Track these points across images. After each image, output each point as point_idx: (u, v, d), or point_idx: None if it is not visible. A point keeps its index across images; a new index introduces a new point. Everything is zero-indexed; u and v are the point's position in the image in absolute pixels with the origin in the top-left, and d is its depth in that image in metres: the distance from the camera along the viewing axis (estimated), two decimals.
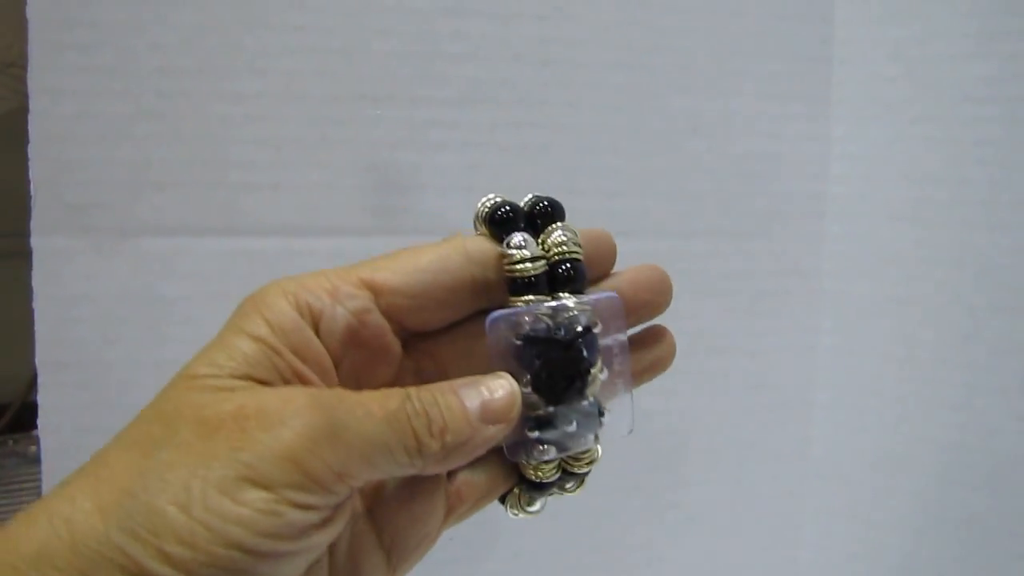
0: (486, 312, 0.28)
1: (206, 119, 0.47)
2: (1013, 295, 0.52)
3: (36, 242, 0.46)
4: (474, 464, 0.29)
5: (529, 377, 0.27)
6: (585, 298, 0.28)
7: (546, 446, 0.28)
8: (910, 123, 0.53)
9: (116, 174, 0.47)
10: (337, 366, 0.27)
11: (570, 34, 0.51)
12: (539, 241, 0.28)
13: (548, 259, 0.28)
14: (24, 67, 0.51)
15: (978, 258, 0.52)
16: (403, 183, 0.50)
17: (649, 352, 0.30)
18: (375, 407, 0.24)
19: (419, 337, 0.29)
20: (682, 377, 0.54)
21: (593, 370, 0.28)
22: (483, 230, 0.29)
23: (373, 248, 0.51)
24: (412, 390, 0.25)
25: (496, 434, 0.26)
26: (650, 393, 0.54)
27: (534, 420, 0.28)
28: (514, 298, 0.28)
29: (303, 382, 0.26)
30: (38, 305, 0.46)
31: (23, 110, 0.47)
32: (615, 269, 0.31)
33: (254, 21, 0.47)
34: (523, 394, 0.27)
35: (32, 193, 0.46)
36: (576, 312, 0.28)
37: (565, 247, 0.28)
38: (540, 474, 0.29)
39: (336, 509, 0.24)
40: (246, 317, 0.26)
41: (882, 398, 0.55)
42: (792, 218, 0.55)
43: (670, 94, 0.52)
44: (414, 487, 0.28)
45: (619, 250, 0.30)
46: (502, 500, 0.30)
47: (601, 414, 0.29)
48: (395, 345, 0.28)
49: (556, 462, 0.29)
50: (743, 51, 0.53)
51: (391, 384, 0.28)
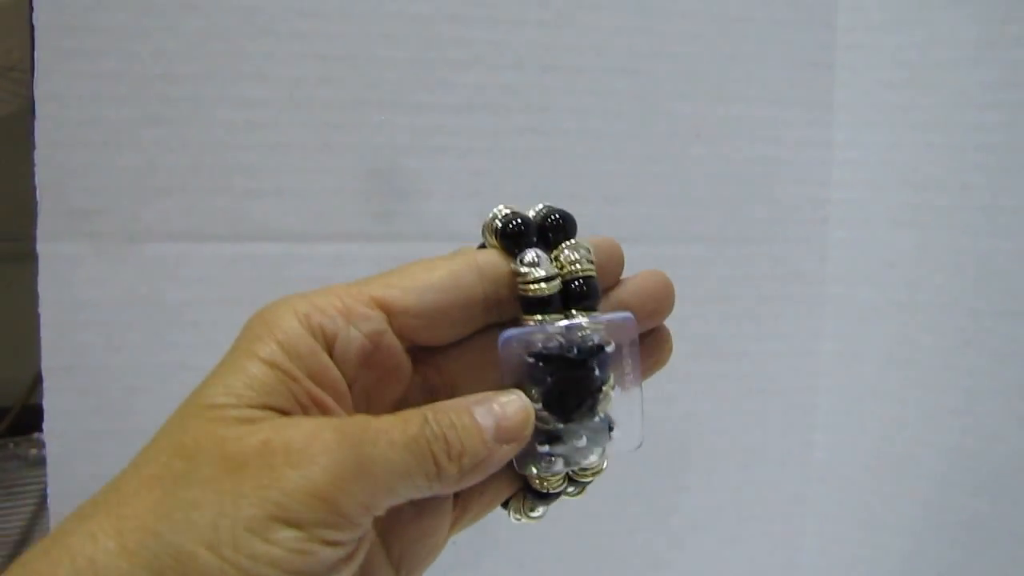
0: (496, 326, 0.28)
1: (211, 125, 0.47)
2: (1014, 300, 0.52)
3: (42, 247, 0.46)
4: None
5: (541, 394, 0.27)
6: (600, 318, 0.28)
7: (554, 458, 0.28)
8: (912, 129, 0.53)
9: (121, 180, 0.47)
10: (350, 387, 0.27)
11: (573, 40, 0.51)
12: (552, 256, 0.28)
13: (561, 276, 0.27)
14: (25, 71, 0.51)
15: (979, 263, 0.52)
16: (406, 189, 0.50)
17: (650, 355, 0.30)
18: (396, 435, 0.24)
19: (427, 351, 0.29)
20: (684, 382, 0.54)
21: (605, 387, 0.28)
22: (493, 242, 0.28)
23: (377, 254, 0.52)
24: (428, 412, 0.25)
25: (510, 453, 0.26)
26: (652, 398, 0.54)
27: (544, 434, 0.28)
28: (527, 316, 0.27)
29: (321, 408, 0.25)
30: (44, 310, 0.46)
31: (24, 113, 0.47)
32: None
33: (258, 28, 0.47)
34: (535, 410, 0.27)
35: (38, 199, 0.46)
36: (589, 331, 0.27)
37: (579, 264, 0.28)
38: (547, 485, 0.29)
39: (360, 541, 0.24)
40: (258, 340, 0.25)
41: (884, 402, 0.55)
42: (794, 223, 0.55)
43: (672, 100, 0.53)
44: (422, 503, 0.28)
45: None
46: (504, 504, 0.30)
47: (611, 429, 0.29)
48: (407, 364, 0.28)
49: (563, 473, 0.29)
50: (745, 57, 0.53)
51: (401, 400, 0.28)
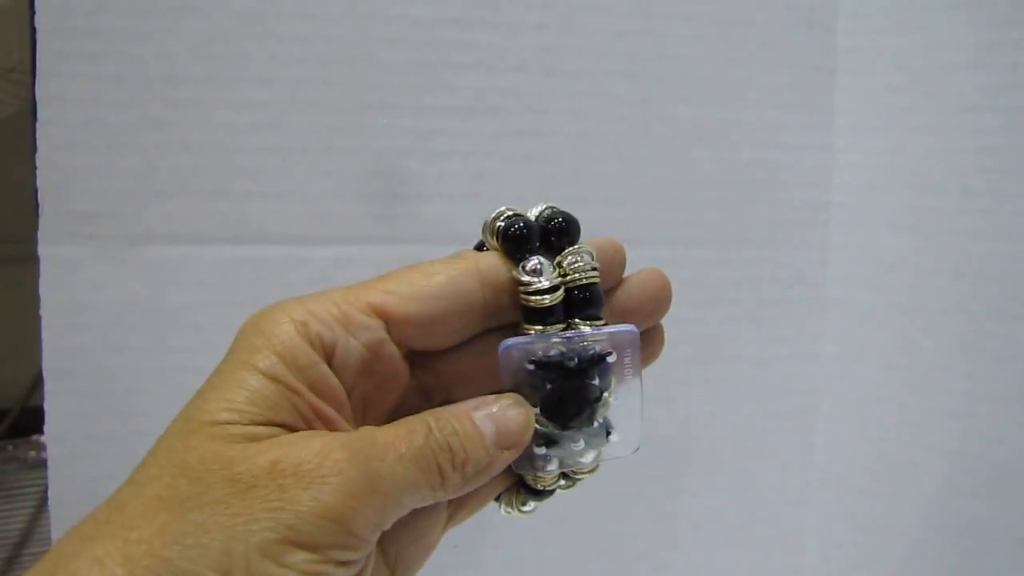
0: (494, 331, 0.28)
1: (213, 128, 0.47)
2: (1015, 303, 0.52)
3: (43, 250, 0.46)
4: None
5: (539, 400, 0.27)
6: (603, 330, 0.27)
7: (551, 459, 0.28)
8: (913, 132, 0.53)
9: (122, 182, 0.47)
10: (348, 395, 0.26)
11: (575, 44, 0.51)
12: (554, 263, 0.27)
13: (564, 284, 0.27)
14: (25, 72, 0.51)
15: (980, 267, 0.52)
16: (408, 191, 0.50)
17: (643, 348, 0.30)
18: (403, 448, 0.24)
19: (423, 354, 0.28)
20: (685, 385, 0.55)
21: (605, 395, 0.28)
22: (494, 244, 0.28)
23: (379, 256, 0.52)
24: (431, 420, 0.25)
25: (510, 458, 0.26)
26: (654, 401, 0.55)
27: (542, 437, 0.28)
28: (528, 325, 0.27)
29: (323, 419, 0.25)
30: (45, 312, 0.46)
31: (24, 115, 0.47)
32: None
33: (261, 30, 0.47)
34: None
35: (39, 201, 0.46)
36: (591, 342, 0.27)
37: (582, 272, 0.27)
38: (541, 483, 0.29)
39: (368, 556, 0.24)
40: (256, 351, 0.24)
41: (885, 406, 0.55)
42: (795, 227, 0.55)
43: (674, 103, 0.53)
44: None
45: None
46: (496, 498, 0.30)
47: (608, 434, 0.29)
48: (405, 370, 0.27)
49: (558, 473, 0.29)
50: (746, 61, 0.53)
51: (398, 405, 0.28)
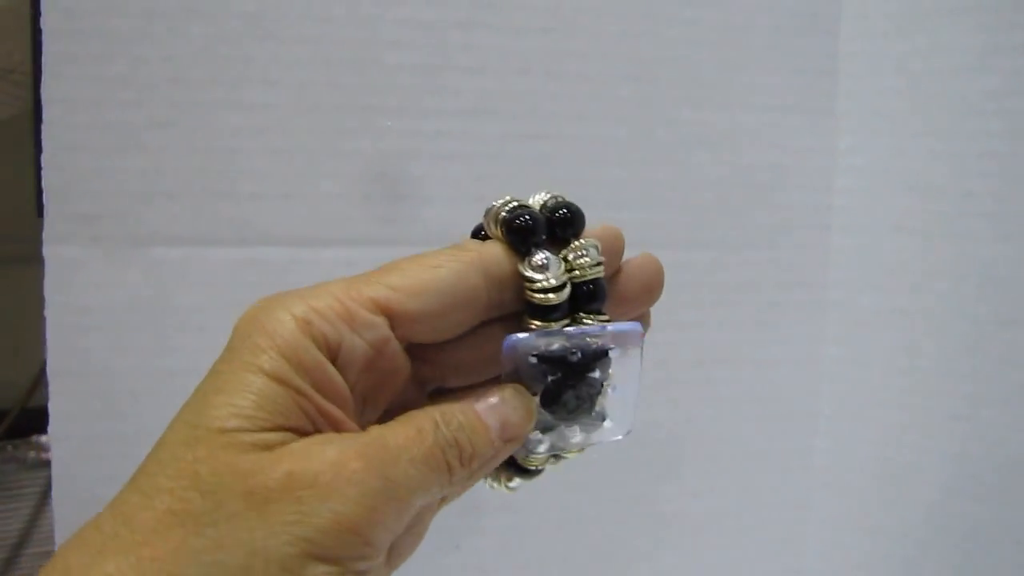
0: (494, 321, 0.28)
1: (217, 130, 0.48)
2: (1017, 306, 0.52)
3: (48, 251, 0.46)
4: None
5: (540, 391, 0.27)
6: (608, 328, 0.27)
7: (543, 442, 0.28)
8: (914, 136, 0.53)
9: (127, 184, 0.47)
10: (351, 392, 0.26)
11: (578, 47, 0.51)
12: (560, 256, 0.27)
13: (570, 278, 0.27)
14: (25, 73, 0.51)
15: (982, 270, 0.52)
16: (412, 194, 0.50)
17: None
18: (415, 451, 0.24)
19: (419, 345, 0.28)
20: (687, 387, 0.55)
21: (604, 386, 0.28)
22: (497, 233, 0.27)
23: (382, 258, 0.51)
24: (438, 416, 0.25)
25: (512, 449, 0.26)
26: (655, 403, 0.55)
27: (539, 424, 0.28)
28: (531, 320, 0.27)
29: (330, 421, 0.25)
30: (49, 313, 0.46)
31: (24, 116, 0.47)
32: None
33: (265, 33, 0.47)
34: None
35: (44, 202, 0.46)
36: (595, 339, 0.27)
37: (589, 268, 0.27)
38: (531, 463, 0.29)
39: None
40: (260, 351, 0.24)
41: (886, 408, 0.55)
42: (797, 230, 0.55)
43: (677, 107, 0.53)
44: None
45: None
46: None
47: (603, 420, 0.29)
48: (407, 365, 0.27)
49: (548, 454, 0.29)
50: (749, 64, 0.53)
51: (398, 398, 0.28)
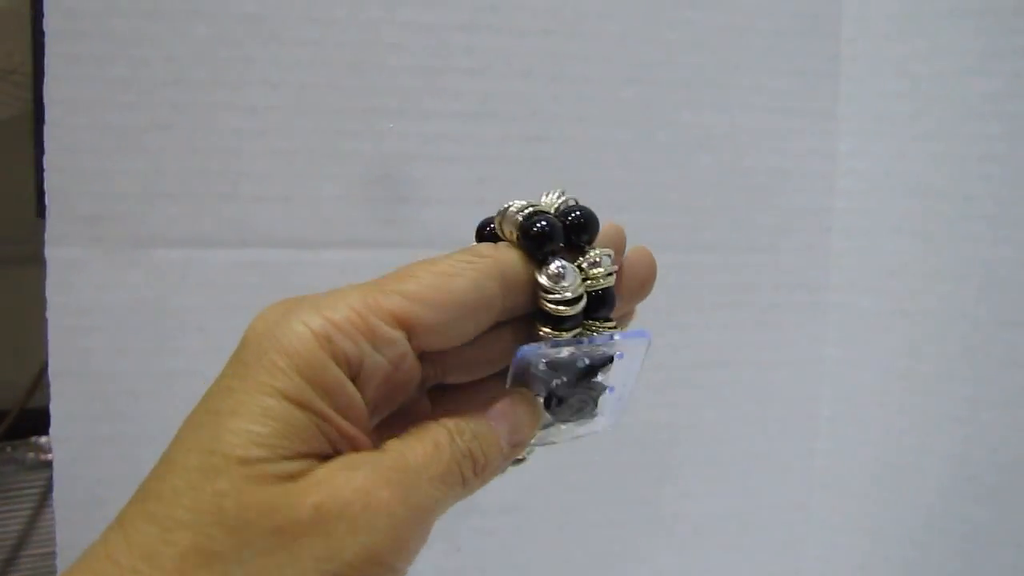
0: (500, 324, 0.28)
1: (219, 131, 0.48)
2: (1017, 308, 0.52)
3: (50, 252, 0.46)
4: None
5: (545, 393, 0.27)
6: (616, 337, 0.27)
7: (536, 436, 0.28)
8: (915, 139, 0.53)
9: (129, 185, 0.47)
10: (366, 405, 0.26)
11: (579, 49, 0.51)
12: (576, 264, 0.27)
13: (585, 288, 0.27)
14: (26, 74, 0.51)
15: (982, 272, 0.52)
16: (413, 196, 0.50)
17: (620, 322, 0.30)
18: (434, 469, 0.24)
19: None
20: (688, 389, 0.55)
21: (606, 390, 0.28)
22: (511, 236, 0.27)
23: (383, 260, 0.51)
24: (452, 428, 0.25)
25: (519, 453, 0.26)
26: (656, 404, 0.55)
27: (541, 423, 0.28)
28: (543, 328, 0.27)
29: (347, 439, 0.24)
30: (51, 315, 0.46)
31: (25, 116, 0.47)
32: None
33: (267, 35, 0.48)
34: None
35: (46, 204, 0.46)
36: (604, 348, 0.27)
37: (601, 278, 0.27)
38: (520, 454, 0.29)
39: None
40: (278, 372, 0.23)
41: (887, 410, 0.55)
42: (798, 232, 0.55)
43: (677, 109, 0.53)
44: None
45: None
46: None
47: (598, 416, 0.29)
48: (419, 374, 0.27)
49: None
50: (751, 67, 0.54)
51: (405, 404, 0.28)
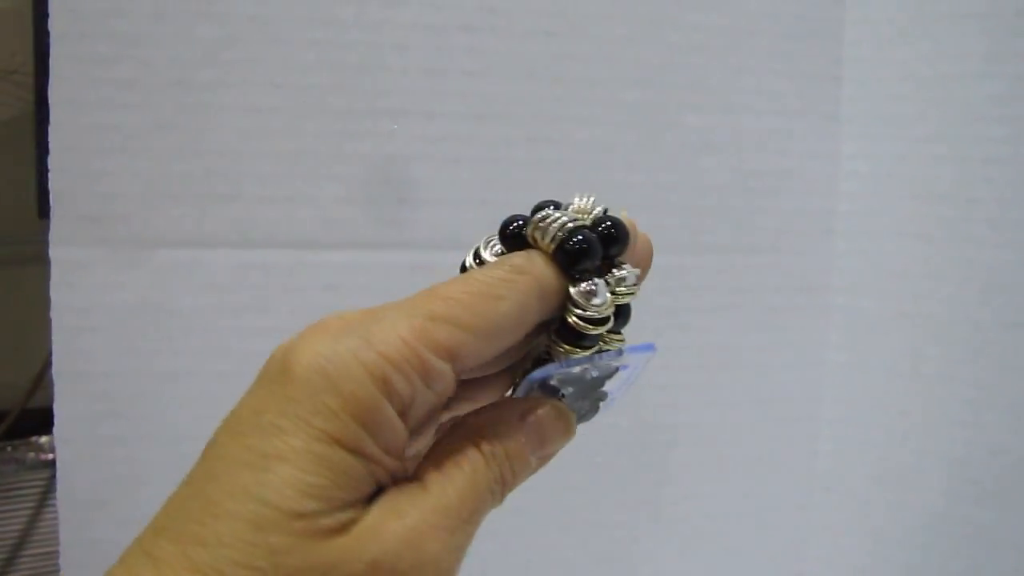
0: None
1: (222, 132, 0.48)
2: (1020, 311, 0.52)
3: (54, 252, 0.46)
4: None
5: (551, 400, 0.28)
6: (626, 353, 0.27)
7: None
8: (918, 141, 0.53)
9: (133, 186, 0.47)
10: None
11: (583, 51, 0.51)
12: (604, 279, 0.26)
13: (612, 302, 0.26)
14: (27, 74, 0.51)
15: (985, 275, 0.52)
16: (417, 197, 0.50)
17: None
18: (471, 502, 0.24)
19: None
20: (690, 390, 0.55)
21: (609, 396, 0.29)
22: (546, 247, 0.26)
23: (387, 262, 0.52)
24: (487, 453, 0.25)
25: (543, 465, 0.27)
26: (658, 405, 0.55)
27: None
28: (559, 345, 0.26)
29: (392, 474, 0.24)
30: (55, 315, 0.46)
31: (26, 116, 0.47)
32: None
33: (272, 36, 0.48)
34: None
35: (51, 204, 0.46)
36: (614, 364, 0.27)
37: (624, 296, 0.26)
38: None
39: None
40: (332, 416, 0.22)
41: (889, 413, 0.55)
42: (801, 234, 0.55)
43: (682, 111, 0.53)
44: None
45: None
46: None
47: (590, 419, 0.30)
48: (452, 394, 0.26)
49: None
50: (754, 69, 0.54)
51: None
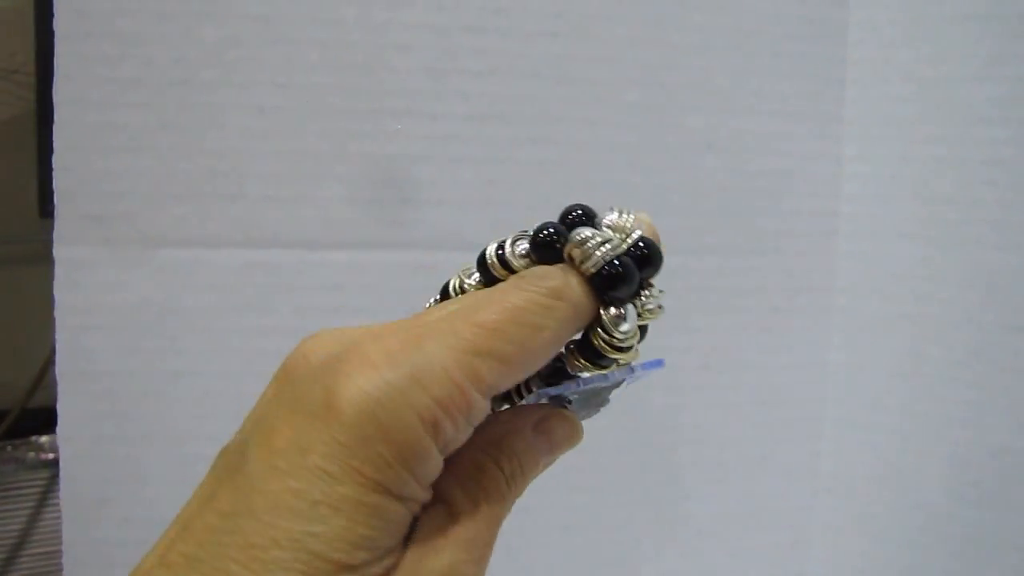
0: None
1: (226, 132, 0.48)
2: (1021, 313, 0.52)
3: (57, 252, 0.46)
4: None
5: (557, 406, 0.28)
6: (636, 370, 0.27)
7: None
8: (921, 143, 0.53)
9: (137, 185, 0.47)
10: None
11: (587, 52, 0.51)
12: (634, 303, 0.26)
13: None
14: (29, 73, 0.51)
15: (987, 277, 0.52)
16: (421, 197, 0.50)
17: None
18: (495, 525, 0.24)
19: None
20: (693, 391, 0.55)
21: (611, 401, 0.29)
22: (585, 269, 0.25)
23: (390, 262, 0.52)
24: (507, 470, 0.25)
25: (546, 468, 0.27)
26: (661, 406, 0.55)
27: None
28: (579, 359, 0.26)
29: (424, 504, 0.24)
30: (58, 314, 0.46)
31: (28, 116, 0.47)
32: None
33: (276, 36, 0.48)
34: None
35: (55, 203, 0.46)
36: (625, 378, 0.27)
37: (648, 317, 0.26)
38: None
39: None
40: (386, 467, 0.22)
41: (891, 414, 0.55)
42: (803, 236, 0.55)
43: (685, 112, 0.53)
44: None
45: None
46: None
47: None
48: None
49: None
50: (757, 70, 0.54)
51: None
